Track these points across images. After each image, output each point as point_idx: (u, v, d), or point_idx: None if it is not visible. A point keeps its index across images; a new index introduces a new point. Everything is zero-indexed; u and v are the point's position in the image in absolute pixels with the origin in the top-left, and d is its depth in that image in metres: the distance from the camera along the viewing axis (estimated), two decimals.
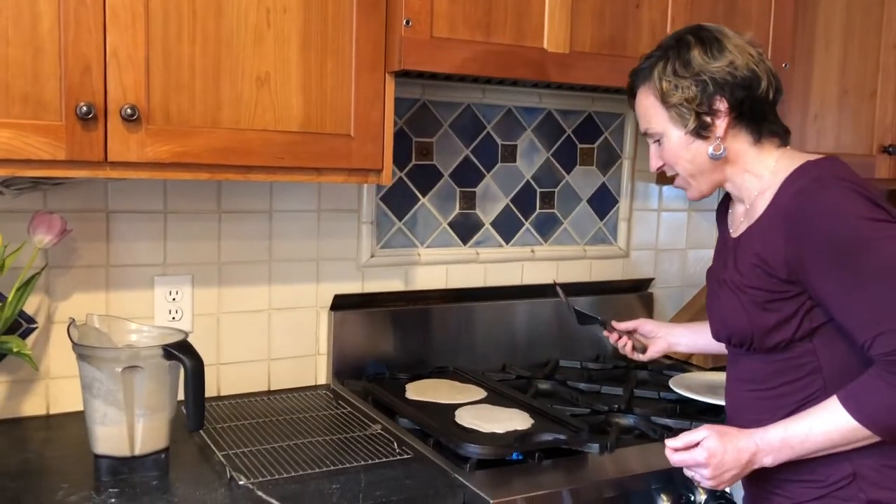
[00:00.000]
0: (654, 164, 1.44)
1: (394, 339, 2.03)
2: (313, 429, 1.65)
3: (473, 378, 1.96)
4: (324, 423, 1.68)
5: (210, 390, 1.86)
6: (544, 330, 2.24)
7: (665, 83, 1.34)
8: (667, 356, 2.27)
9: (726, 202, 1.52)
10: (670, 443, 1.33)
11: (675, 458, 1.33)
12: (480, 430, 1.60)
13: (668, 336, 1.76)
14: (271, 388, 1.93)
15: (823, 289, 1.26)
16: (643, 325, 1.78)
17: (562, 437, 1.58)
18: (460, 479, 1.45)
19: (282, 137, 1.51)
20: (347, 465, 1.46)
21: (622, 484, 1.51)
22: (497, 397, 1.83)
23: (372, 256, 2.00)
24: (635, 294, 2.39)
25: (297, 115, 1.52)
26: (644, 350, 1.78)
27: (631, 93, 1.44)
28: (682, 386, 1.96)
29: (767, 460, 1.29)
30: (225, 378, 1.87)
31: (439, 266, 2.10)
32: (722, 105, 1.33)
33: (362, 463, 1.47)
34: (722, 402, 1.65)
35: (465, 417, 1.66)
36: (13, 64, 1.30)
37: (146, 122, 1.39)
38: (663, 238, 2.45)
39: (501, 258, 2.18)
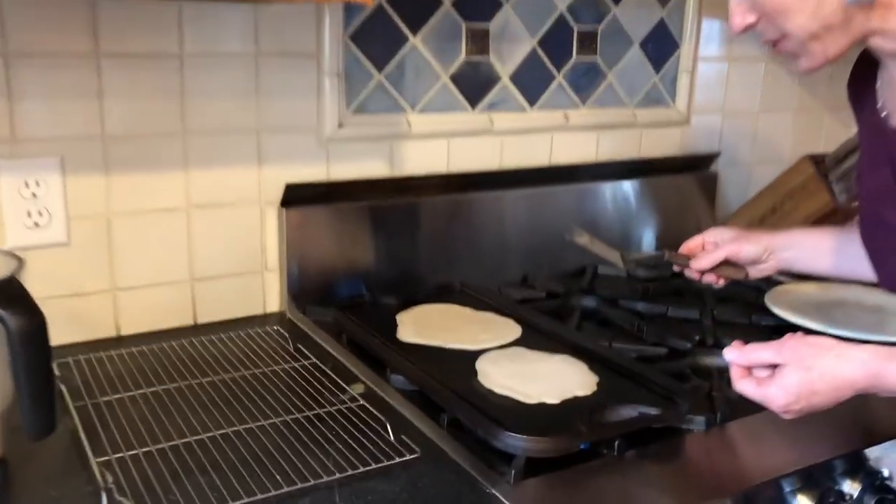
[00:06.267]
0: (742, 20, 0.93)
1: (375, 247, 1.41)
2: (256, 400, 1.04)
3: (491, 301, 1.37)
4: (273, 388, 1.07)
5: (105, 329, 1.24)
6: (576, 226, 1.63)
7: None
8: None
9: (862, 71, 1.03)
10: (731, 356, 0.90)
11: (740, 387, 0.89)
12: (521, 399, 1.01)
13: (777, 259, 1.23)
14: (198, 322, 1.31)
15: None
16: (739, 249, 1.22)
17: (653, 411, 0.99)
18: (500, 496, 0.87)
19: None
20: (313, 479, 0.86)
21: (747, 492, 0.95)
22: (533, 335, 1.23)
23: (340, 126, 1.36)
24: (694, 174, 1.79)
25: None
26: (745, 276, 1.24)
27: None
28: (785, 305, 1.39)
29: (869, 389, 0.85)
30: (126, 311, 1.25)
31: (438, 140, 1.46)
32: None
33: (336, 476, 0.87)
34: (845, 332, 1.22)
35: (492, 375, 1.07)
36: None
37: None
38: (733, 98, 1.82)
39: (524, 127, 1.54)
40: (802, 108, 1.93)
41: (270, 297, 1.37)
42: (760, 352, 0.86)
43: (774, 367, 0.85)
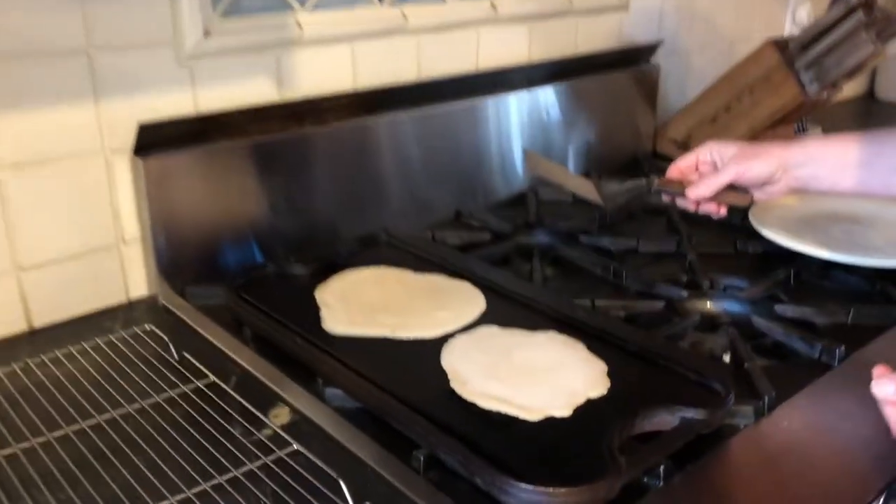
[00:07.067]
0: None
1: (268, 198, 1.06)
2: (137, 466, 0.70)
3: (430, 255, 1.06)
4: (160, 439, 0.73)
5: None
6: (509, 144, 1.34)
7: None
8: None
9: None
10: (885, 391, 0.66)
11: None
12: (520, 416, 0.73)
13: (790, 178, 0.98)
14: (34, 326, 0.94)
15: None
16: (745, 169, 0.97)
17: (698, 414, 0.73)
18: None
19: None
20: None
21: None
22: (499, 303, 0.94)
23: (206, 35, 0.98)
24: (634, 68, 1.51)
25: None
26: (750, 201, 1.01)
27: None
28: (775, 226, 1.16)
29: None
30: None
31: (339, 46, 1.11)
32: None
33: None
34: (852, 259, 1.05)
35: (470, 380, 0.78)
36: None
37: None
38: None
39: (445, 22, 1.21)
40: None
41: (134, 278, 1.00)
42: None
43: None
